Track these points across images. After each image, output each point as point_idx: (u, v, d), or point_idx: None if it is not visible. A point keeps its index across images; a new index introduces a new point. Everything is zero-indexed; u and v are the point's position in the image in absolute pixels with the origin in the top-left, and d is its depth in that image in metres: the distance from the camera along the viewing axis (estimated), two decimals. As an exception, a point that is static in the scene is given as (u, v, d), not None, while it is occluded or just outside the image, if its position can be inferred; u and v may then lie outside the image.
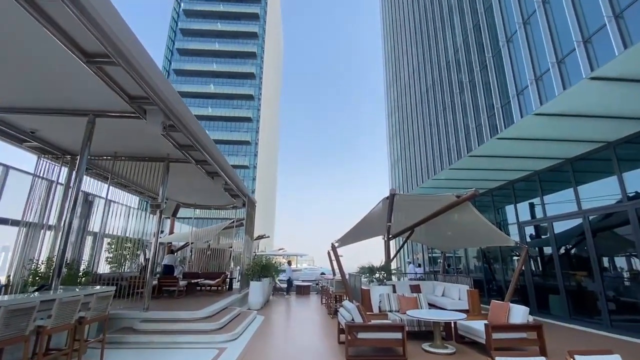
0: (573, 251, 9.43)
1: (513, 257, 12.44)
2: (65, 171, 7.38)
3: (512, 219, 11.98)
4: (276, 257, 22.70)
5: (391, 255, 10.68)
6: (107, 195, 7.86)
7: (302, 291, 15.35)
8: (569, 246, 9.51)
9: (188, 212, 16.21)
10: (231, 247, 16.29)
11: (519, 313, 5.66)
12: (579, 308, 8.74)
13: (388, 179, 37.08)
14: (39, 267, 6.29)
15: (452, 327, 6.50)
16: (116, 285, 7.31)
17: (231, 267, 15.24)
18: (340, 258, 8.83)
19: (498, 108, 13.72)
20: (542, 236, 10.64)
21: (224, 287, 11.69)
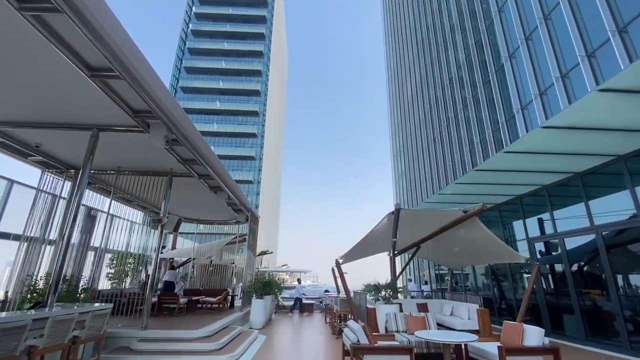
0: (586, 268, 9.10)
1: (523, 274, 12.05)
2: (68, 185, 7.37)
3: (521, 235, 11.66)
4: (279, 274, 22.32)
5: (397, 272, 10.40)
6: (109, 209, 7.79)
7: (306, 309, 14.96)
8: (582, 263, 9.19)
9: (191, 227, 16.10)
10: (233, 263, 16.04)
11: (534, 335, 5.36)
12: (596, 329, 8.34)
13: (392, 194, 36.84)
14: (37, 283, 6.18)
15: (463, 349, 6.17)
16: (115, 302, 7.18)
17: (233, 284, 14.95)
18: (344, 275, 8.58)
19: (502, 123, 13.65)
20: (553, 252, 10.30)
21: (225, 305, 11.41)
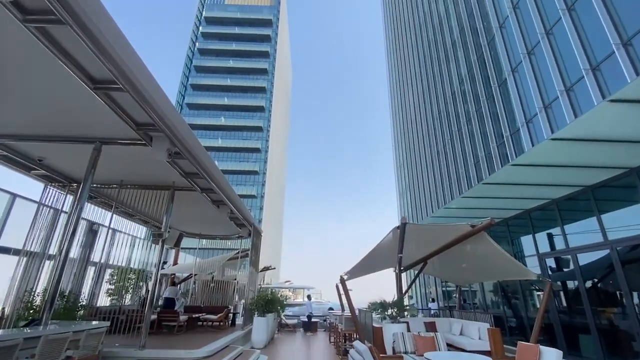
0: (600, 285, 8.75)
1: (533, 291, 11.64)
2: (70, 199, 7.31)
3: (530, 251, 11.33)
4: (282, 290, 21.86)
5: (403, 289, 10.08)
6: (110, 224, 7.69)
7: (310, 327, 14.52)
8: (596, 280, 8.84)
9: (193, 242, 15.91)
10: (236, 279, 15.73)
11: (552, 357, 5.06)
12: (614, 349, 7.93)
13: (397, 208, 36.45)
14: (34, 300, 6.02)
15: (476, 372, 5.85)
16: (114, 319, 6.97)
17: (235, 301, 14.60)
18: (349, 292, 8.31)
19: (507, 136, 13.57)
20: (565, 269, 9.96)
21: (227, 323, 11.09)
